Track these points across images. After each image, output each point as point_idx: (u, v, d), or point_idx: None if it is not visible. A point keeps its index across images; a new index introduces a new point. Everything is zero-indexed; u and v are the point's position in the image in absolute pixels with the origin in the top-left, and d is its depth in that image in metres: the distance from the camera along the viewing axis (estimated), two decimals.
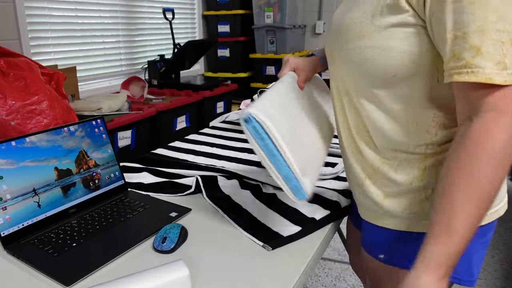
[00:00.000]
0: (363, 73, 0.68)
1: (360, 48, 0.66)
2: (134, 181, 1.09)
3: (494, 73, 0.53)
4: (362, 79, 0.69)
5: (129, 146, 2.06)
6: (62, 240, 0.81)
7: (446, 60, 0.57)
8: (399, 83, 0.65)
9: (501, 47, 0.52)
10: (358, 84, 0.71)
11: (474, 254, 0.72)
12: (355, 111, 0.74)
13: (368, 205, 0.78)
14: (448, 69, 0.57)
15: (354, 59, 0.68)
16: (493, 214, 0.71)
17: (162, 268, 0.65)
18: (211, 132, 1.62)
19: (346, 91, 0.75)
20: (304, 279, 0.73)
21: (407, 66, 0.63)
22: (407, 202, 0.71)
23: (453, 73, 0.56)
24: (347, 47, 0.68)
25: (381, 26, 0.63)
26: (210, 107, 2.76)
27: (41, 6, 2.12)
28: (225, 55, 3.36)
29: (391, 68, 0.64)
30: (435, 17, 0.57)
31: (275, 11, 3.12)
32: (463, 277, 0.73)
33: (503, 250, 2.20)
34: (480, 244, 0.73)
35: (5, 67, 1.25)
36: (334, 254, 2.19)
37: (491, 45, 0.53)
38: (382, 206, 0.74)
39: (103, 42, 2.53)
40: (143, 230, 0.84)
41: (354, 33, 0.66)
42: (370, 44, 0.64)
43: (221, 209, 0.94)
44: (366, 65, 0.66)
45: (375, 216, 0.78)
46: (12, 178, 0.81)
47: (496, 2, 0.52)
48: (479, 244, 0.72)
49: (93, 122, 0.99)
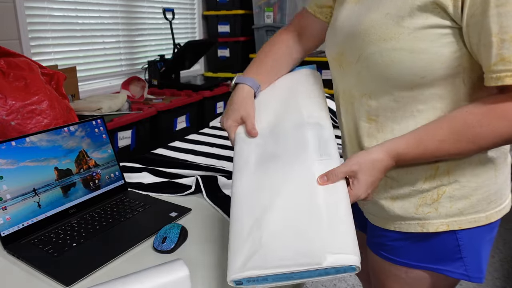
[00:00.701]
0: (388, 75, 0.66)
1: (386, 50, 0.64)
2: (134, 181, 1.09)
3: None
4: (386, 82, 0.67)
5: (129, 146, 2.06)
6: (62, 240, 0.81)
7: (491, 63, 0.57)
8: (427, 85, 0.65)
9: None
10: (380, 86, 0.69)
11: (483, 251, 0.73)
12: (367, 114, 0.73)
13: (375, 211, 0.77)
14: (496, 72, 0.57)
15: (379, 61, 0.66)
16: (498, 212, 0.72)
17: (162, 268, 0.65)
18: (211, 132, 1.62)
19: (362, 93, 0.72)
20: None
21: (437, 68, 0.63)
22: (418, 202, 0.71)
23: (503, 76, 0.56)
24: (369, 50, 0.66)
25: (410, 28, 0.62)
26: (210, 107, 2.76)
27: (41, 6, 2.12)
28: (225, 55, 3.36)
29: (419, 70, 0.63)
30: (475, 20, 0.57)
31: (275, 11, 3.12)
32: (474, 274, 0.73)
33: (503, 250, 2.19)
34: (488, 241, 0.73)
35: (5, 67, 1.25)
36: None
37: None
38: (390, 210, 0.74)
39: (103, 42, 2.53)
40: (143, 230, 0.84)
41: (378, 36, 0.65)
42: (398, 46, 0.63)
43: (221, 209, 0.94)
44: (393, 68, 0.65)
45: (383, 221, 0.77)
46: (12, 178, 0.81)
47: None
48: (486, 241, 0.73)
49: (93, 122, 0.99)
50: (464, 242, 0.71)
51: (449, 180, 0.69)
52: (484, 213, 0.70)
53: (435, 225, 0.70)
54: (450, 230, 0.70)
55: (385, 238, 0.78)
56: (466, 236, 0.70)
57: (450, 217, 0.70)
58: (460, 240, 0.70)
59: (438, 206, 0.70)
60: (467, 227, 0.70)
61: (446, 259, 0.72)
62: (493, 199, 0.70)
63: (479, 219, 0.70)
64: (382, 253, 0.79)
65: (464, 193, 0.69)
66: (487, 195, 0.69)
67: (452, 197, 0.69)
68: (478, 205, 0.69)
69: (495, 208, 0.71)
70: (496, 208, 0.71)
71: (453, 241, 0.71)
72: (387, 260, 0.79)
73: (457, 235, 0.70)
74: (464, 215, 0.70)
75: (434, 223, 0.70)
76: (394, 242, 0.76)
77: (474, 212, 0.70)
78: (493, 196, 0.70)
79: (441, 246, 0.72)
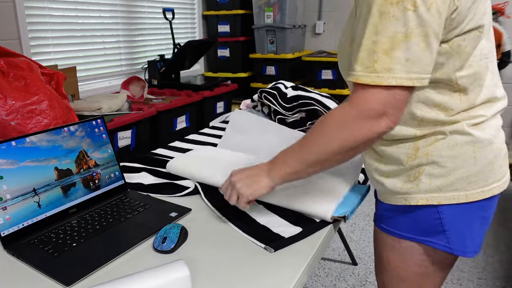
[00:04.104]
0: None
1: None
2: (134, 181, 1.09)
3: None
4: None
5: (129, 146, 2.06)
6: (62, 240, 0.81)
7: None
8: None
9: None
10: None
11: (469, 227, 0.79)
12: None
13: (378, 186, 0.88)
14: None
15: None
16: (482, 193, 0.77)
17: (162, 268, 0.65)
18: (211, 132, 1.62)
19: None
20: (304, 279, 0.73)
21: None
22: (404, 179, 0.81)
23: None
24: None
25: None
26: (210, 107, 2.76)
27: (41, 6, 2.12)
28: (225, 55, 3.36)
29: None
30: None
31: (275, 11, 3.12)
32: (456, 247, 0.80)
33: (503, 250, 2.20)
34: (477, 219, 0.79)
35: (5, 67, 1.26)
36: (334, 254, 2.19)
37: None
38: (385, 185, 0.84)
39: (103, 42, 2.53)
40: (143, 230, 0.84)
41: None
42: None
43: (219, 211, 0.93)
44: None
45: (382, 196, 0.88)
46: (12, 178, 0.81)
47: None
48: (475, 219, 0.79)
49: (93, 122, 0.99)
50: (445, 217, 0.78)
51: (428, 160, 0.77)
52: (464, 192, 0.77)
53: (415, 199, 0.80)
54: (430, 204, 0.78)
55: (382, 210, 0.88)
56: (447, 211, 0.78)
57: (429, 192, 0.78)
58: (441, 214, 0.78)
59: (418, 182, 0.78)
60: (446, 203, 0.77)
61: (430, 231, 0.80)
62: (474, 180, 0.76)
63: (459, 197, 0.77)
64: (381, 225, 0.89)
65: (442, 172, 0.76)
66: (466, 175, 0.76)
67: (430, 175, 0.77)
68: (457, 184, 0.76)
69: (477, 189, 0.77)
70: (478, 189, 0.77)
71: (435, 215, 0.79)
72: (384, 231, 0.88)
73: (438, 209, 0.78)
74: (443, 192, 0.77)
75: (414, 197, 0.80)
76: (388, 213, 0.86)
77: (453, 190, 0.77)
78: (474, 177, 0.76)
79: (425, 219, 0.80)
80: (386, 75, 0.64)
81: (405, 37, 0.63)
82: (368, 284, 1.94)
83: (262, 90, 1.71)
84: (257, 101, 1.75)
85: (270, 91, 1.70)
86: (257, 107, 1.76)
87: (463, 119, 0.75)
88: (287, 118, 1.54)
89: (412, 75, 0.65)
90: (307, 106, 1.61)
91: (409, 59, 0.64)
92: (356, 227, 2.46)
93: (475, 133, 0.75)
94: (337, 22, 3.49)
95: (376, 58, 0.65)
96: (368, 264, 2.09)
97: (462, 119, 0.75)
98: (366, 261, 2.12)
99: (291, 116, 1.63)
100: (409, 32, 0.63)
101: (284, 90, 1.72)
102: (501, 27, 2.78)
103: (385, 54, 0.64)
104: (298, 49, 3.46)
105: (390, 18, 0.63)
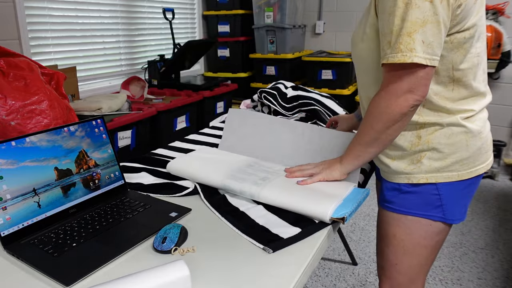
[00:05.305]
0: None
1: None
2: (134, 181, 1.09)
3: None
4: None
5: (129, 146, 2.06)
6: (62, 240, 0.81)
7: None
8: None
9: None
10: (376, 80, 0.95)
11: (459, 200, 0.96)
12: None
13: (383, 167, 1.02)
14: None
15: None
16: (470, 173, 0.94)
17: (162, 268, 0.65)
18: (211, 132, 1.62)
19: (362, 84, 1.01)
20: (304, 279, 0.73)
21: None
22: (408, 162, 0.96)
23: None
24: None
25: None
26: (210, 107, 2.76)
27: (41, 6, 2.12)
28: (225, 55, 3.36)
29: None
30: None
31: (275, 11, 3.12)
32: (449, 217, 0.96)
33: (503, 250, 2.20)
34: (465, 194, 0.97)
35: (5, 67, 1.26)
36: (334, 254, 2.19)
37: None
38: (391, 167, 0.99)
39: (103, 42, 2.53)
40: (143, 230, 0.84)
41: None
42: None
43: (218, 212, 0.93)
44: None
45: (387, 175, 1.02)
46: (12, 178, 0.81)
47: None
48: (464, 194, 0.96)
49: (93, 122, 0.99)
50: (443, 193, 0.94)
51: (429, 147, 0.93)
52: (456, 172, 0.93)
53: (417, 178, 0.95)
54: (429, 182, 0.94)
55: (387, 191, 1.02)
56: (444, 188, 0.94)
57: (429, 173, 0.94)
58: (440, 190, 0.94)
59: (420, 165, 0.94)
60: (442, 181, 0.94)
61: (430, 206, 0.96)
62: (465, 163, 0.93)
63: (452, 176, 0.93)
64: (386, 205, 1.03)
65: (440, 156, 0.93)
66: (460, 159, 0.92)
67: (431, 159, 0.93)
68: (452, 166, 0.93)
69: (467, 169, 0.93)
70: (468, 169, 0.94)
71: (434, 191, 0.95)
72: (390, 210, 1.02)
73: (437, 186, 0.94)
74: (440, 172, 0.93)
75: (416, 176, 0.95)
76: (392, 193, 1.00)
77: (448, 171, 0.93)
78: (465, 161, 0.93)
79: (426, 195, 0.95)
80: (409, 54, 0.77)
81: (423, 23, 0.76)
82: (368, 284, 1.94)
83: (262, 90, 1.71)
84: (257, 101, 1.75)
85: (270, 91, 1.70)
86: (257, 107, 1.76)
87: (458, 112, 0.90)
88: (287, 118, 1.54)
89: (427, 56, 0.78)
90: (307, 106, 1.61)
91: (424, 42, 0.77)
92: (356, 227, 2.46)
93: (468, 125, 0.90)
94: (337, 22, 3.49)
95: (402, 40, 0.78)
96: (368, 264, 2.09)
97: (457, 111, 0.90)
98: (366, 261, 2.12)
99: (291, 116, 1.63)
100: (426, 19, 0.76)
101: (284, 90, 1.72)
102: (501, 27, 2.78)
103: (408, 36, 0.77)
104: (298, 49, 3.46)
105: (414, 7, 0.76)
